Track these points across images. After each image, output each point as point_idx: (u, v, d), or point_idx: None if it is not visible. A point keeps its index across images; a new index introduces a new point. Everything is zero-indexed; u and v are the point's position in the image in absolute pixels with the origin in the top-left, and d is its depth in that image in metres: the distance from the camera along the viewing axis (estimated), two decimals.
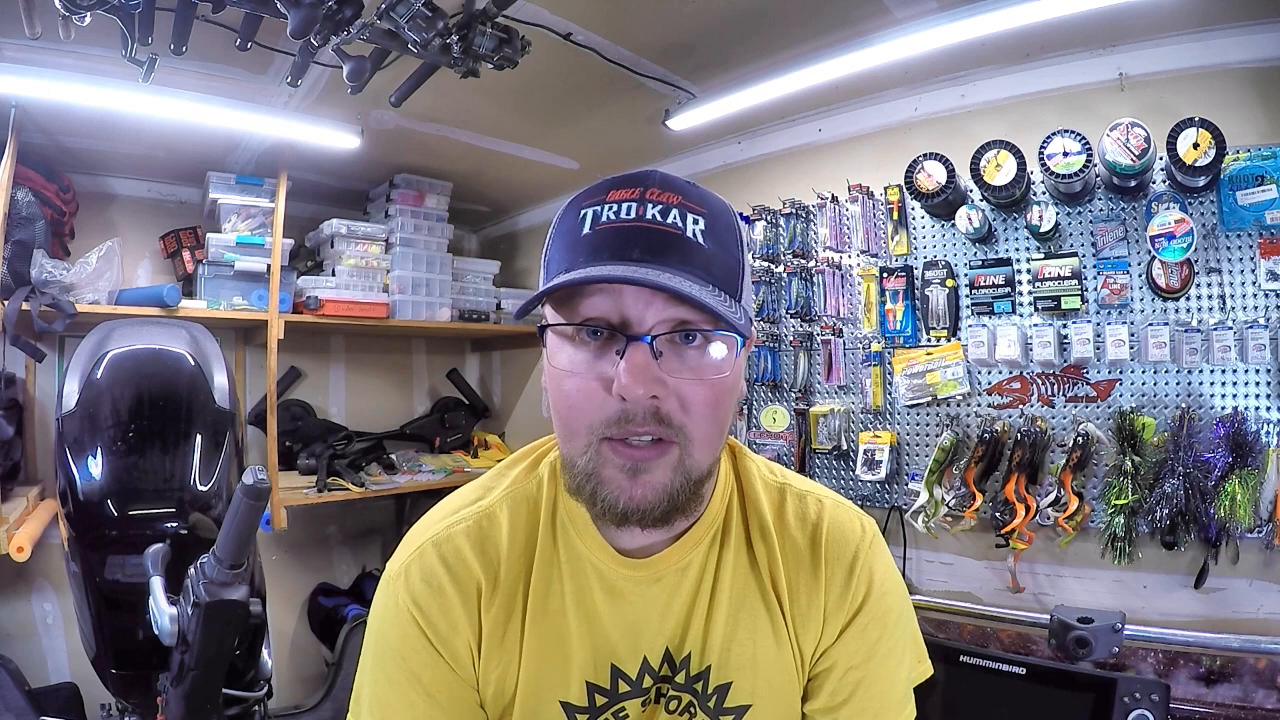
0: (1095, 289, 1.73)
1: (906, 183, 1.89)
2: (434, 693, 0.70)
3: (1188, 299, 1.63)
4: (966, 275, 1.91)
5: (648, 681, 0.73)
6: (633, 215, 0.60)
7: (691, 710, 0.74)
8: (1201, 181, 1.56)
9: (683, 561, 0.72)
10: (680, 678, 0.74)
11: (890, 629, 0.76)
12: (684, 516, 0.65)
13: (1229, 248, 1.59)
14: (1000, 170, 1.75)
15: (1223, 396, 1.59)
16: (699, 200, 0.62)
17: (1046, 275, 1.77)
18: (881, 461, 2.01)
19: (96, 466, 1.46)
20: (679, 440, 0.61)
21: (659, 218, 0.60)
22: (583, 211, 0.62)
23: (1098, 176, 1.69)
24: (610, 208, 0.60)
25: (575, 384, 0.61)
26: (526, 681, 0.72)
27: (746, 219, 2.28)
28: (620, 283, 0.58)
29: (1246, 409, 1.55)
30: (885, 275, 2.04)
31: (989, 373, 1.90)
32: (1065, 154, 1.65)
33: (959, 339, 1.93)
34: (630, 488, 0.61)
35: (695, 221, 0.61)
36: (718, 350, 0.61)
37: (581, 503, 0.65)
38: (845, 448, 2.12)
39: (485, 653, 0.72)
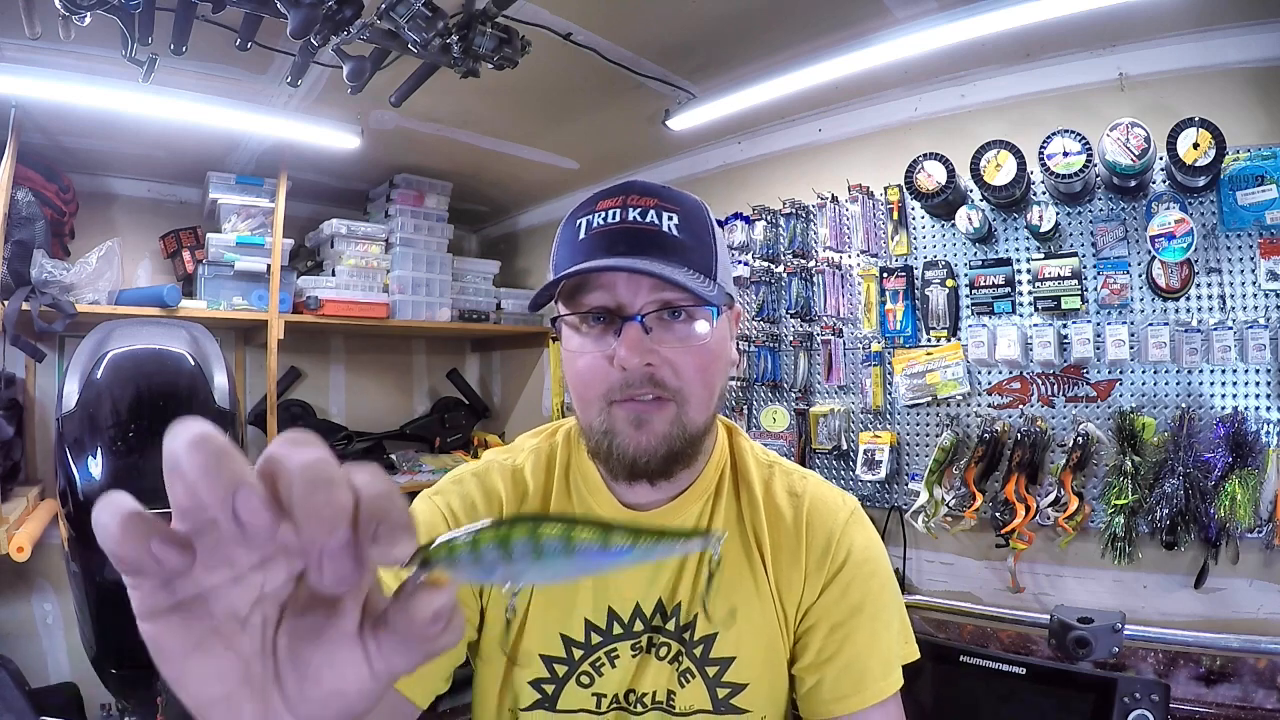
0: (1095, 289, 1.73)
1: (906, 183, 1.89)
2: None
3: (1188, 299, 1.63)
4: (966, 275, 1.91)
5: (639, 627, 0.80)
6: (617, 219, 0.72)
7: (680, 659, 0.80)
8: (1201, 181, 1.56)
9: (679, 517, 0.82)
10: (670, 626, 0.80)
11: (874, 594, 0.81)
12: (684, 467, 0.75)
13: (1229, 248, 1.59)
14: (1000, 170, 1.75)
15: (1223, 396, 1.59)
16: (673, 200, 0.74)
17: (1046, 275, 1.77)
18: (881, 461, 2.01)
19: (96, 466, 1.46)
20: (675, 399, 0.72)
21: (639, 218, 0.72)
22: (578, 221, 0.74)
23: (1098, 176, 1.69)
24: (600, 215, 0.73)
25: (585, 361, 0.73)
26: (536, 608, 0.80)
27: (746, 219, 2.28)
28: (610, 270, 0.70)
29: (1246, 409, 1.55)
30: (885, 275, 2.04)
31: (989, 373, 1.90)
32: (1065, 154, 1.65)
33: (959, 339, 1.93)
34: (637, 436, 0.71)
35: (670, 218, 0.72)
36: (700, 322, 0.73)
37: (599, 462, 0.77)
38: (845, 448, 2.12)
39: None
